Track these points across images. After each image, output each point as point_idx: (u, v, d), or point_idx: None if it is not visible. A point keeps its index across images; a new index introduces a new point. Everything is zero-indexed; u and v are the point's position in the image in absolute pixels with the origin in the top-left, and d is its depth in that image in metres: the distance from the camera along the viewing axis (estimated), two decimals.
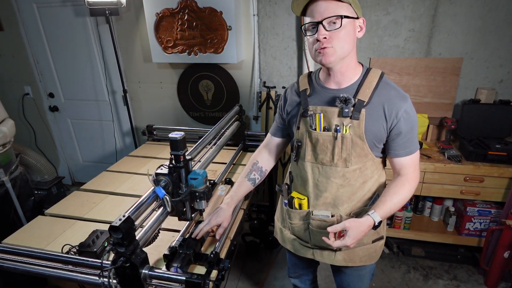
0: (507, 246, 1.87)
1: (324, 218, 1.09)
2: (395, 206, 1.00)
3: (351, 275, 1.24)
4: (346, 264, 1.16)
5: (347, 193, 1.07)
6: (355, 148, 1.01)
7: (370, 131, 0.99)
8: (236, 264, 2.24)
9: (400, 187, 1.02)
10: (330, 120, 1.01)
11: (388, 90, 1.00)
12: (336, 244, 0.95)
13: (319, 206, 1.11)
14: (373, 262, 1.19)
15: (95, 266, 1.04)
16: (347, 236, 0.94)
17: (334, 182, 1.06)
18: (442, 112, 2.21)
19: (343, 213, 1.09)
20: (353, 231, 0.94)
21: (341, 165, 1.04)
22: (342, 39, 0.92)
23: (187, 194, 1.11)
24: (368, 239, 1.13)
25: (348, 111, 0.97)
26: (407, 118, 0.98)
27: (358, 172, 1.04)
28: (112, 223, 0.87)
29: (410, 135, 1.00)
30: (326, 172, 1.06)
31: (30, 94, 3.03)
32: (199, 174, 1.13)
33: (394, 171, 1.08)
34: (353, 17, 0.93)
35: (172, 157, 1.11)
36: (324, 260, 1.18)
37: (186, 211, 1.16)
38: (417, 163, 1.06)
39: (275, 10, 2.27)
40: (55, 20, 2.68)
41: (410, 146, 1.02)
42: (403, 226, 2.21)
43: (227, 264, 1.11)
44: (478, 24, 2.00)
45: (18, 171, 2.09)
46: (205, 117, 2.74)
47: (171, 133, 1.10)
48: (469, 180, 1.92)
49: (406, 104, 0.98)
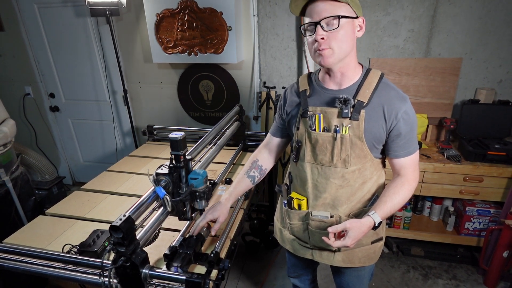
0: (506, 245, 1.88)
1: (323, 219, 1.09)
2: (395, 206, 1.01)
3: (350, 276, 1.25)
4: (345, 265, 1.16)
5: (346, 194, 1.07)
6: (354, 149, 1.01)
7: (370, 132, 0.99)
8: (236, 264, 2.24)
9: (399, 188, 1.02)
10: (330, 120, 1.02)
11: (388, 91, 1.00)
12: (336, 244, 0.95)
13: (318, 207, 1.11)
14: (372, 263, 1.19)
15: (96, 265, 1.05)
16: (347, 236, 0.94)
17: (333, 183, 1.06)
18: (441, 112, 2.21)
19: (342, 214, 1.09)
20: (354, 232, 0.94)
21: (340, 166, 1.04)
22: (340, 40, 0.92)
23: (187, 194, 1.12)
24: (367, 240, 1.13)
25: (348, 111, 0.97)
26: (407, 119, 0.98)
27: (357, 173, 1.04)
28: (113, 223, 0.88)
29: (410, 136, 1.00)
30: (326, 173, 1.07)
31: (31, 94, 3.04)
32: (199, 174, 1.14)
33: (394, 172, 1.08)
34: (352, 17, 0.92)
35: (173, 157, 1.11)
36: (323, 261, 1.18)
37: (186, 211, 1.17)
38: (417, 163, 1.06)
39: (275, 11, 2.28)
40: (56, 20, 2.69)
41: (410, 147, 1.02)
42: (403, 226, 2.22)
43: (227, 264, 1.12)
44: (478, 24, 2.01)
45: (19, 171, 2.09)
46: (205, 117, 2.75)
47: (172, 133, 1.11)
48: (469, 180, 1.93)
49: (406, 105, 0.98)
